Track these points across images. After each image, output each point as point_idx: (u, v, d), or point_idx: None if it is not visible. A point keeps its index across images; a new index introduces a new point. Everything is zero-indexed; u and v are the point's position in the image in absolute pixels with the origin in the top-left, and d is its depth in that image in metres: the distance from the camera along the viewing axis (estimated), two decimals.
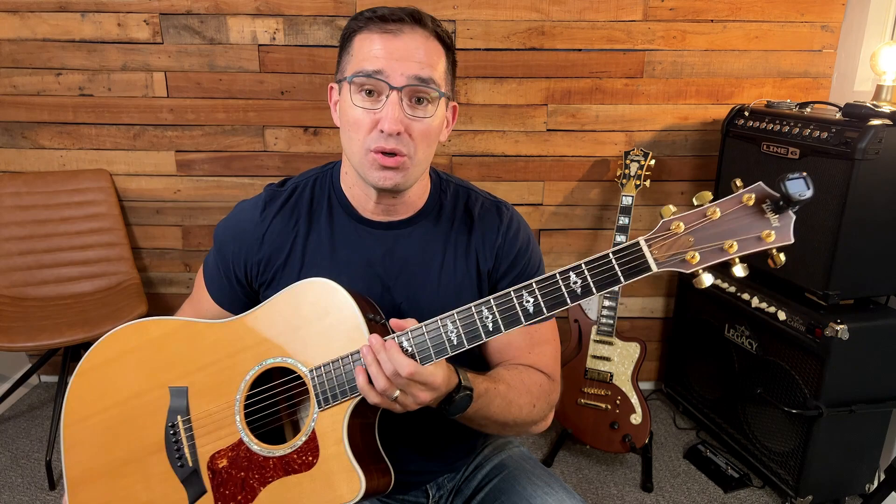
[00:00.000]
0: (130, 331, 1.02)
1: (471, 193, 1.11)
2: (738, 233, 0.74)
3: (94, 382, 1.02)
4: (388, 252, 1.04)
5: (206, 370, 0.98)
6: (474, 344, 0.84)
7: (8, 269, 2.28)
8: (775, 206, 0.73)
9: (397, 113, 0.91)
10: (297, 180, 1.10)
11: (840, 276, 1.78)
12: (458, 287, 1.05)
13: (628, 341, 2.14)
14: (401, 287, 1.03)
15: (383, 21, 0.92)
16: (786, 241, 0.73)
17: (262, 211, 1.06)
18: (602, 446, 2.16)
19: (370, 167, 0.95)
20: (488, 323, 0.83)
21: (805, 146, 1.82)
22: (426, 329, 0.86)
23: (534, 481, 1.08)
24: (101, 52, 2.26)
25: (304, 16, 2.24)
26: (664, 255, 0.77)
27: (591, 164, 2.42)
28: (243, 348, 0.96)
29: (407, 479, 1.12)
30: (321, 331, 0.91)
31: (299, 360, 0.93)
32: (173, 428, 0.99)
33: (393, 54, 0.91)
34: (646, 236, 0.78)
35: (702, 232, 0.76)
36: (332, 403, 0.90)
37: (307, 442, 0.91)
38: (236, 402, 0.96)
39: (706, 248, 0.76)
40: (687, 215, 0.76)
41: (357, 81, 0.92)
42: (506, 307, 0.83)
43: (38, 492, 2.03)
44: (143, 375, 1.00)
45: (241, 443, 0.95)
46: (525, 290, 0.82)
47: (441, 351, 0.85)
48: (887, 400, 1.87)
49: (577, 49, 2.29)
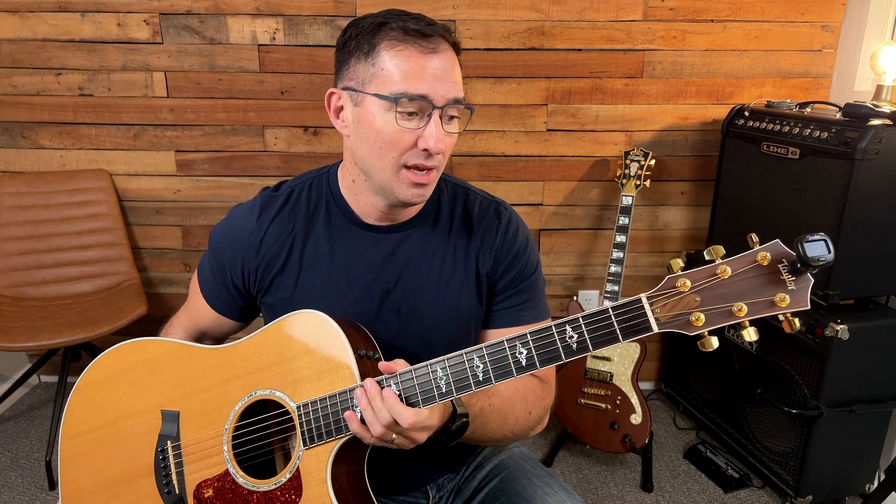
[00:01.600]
0: (129, 349, 1.02)
1: (469, 193, 1.10)
2: (750, 295, 0.70)
3: (91, 399, 1.02)
4: (387, 256, 1.03)
5: (198, 396, 0.97)
6: (462, 393, 0.83)
7: (8, 269, 2.28)
8: (792, 268, 0.68)
9: (441, 132, 0.90)
10: (293, 184, 1.08)
11: (840, 276, 1.78)
12: (458, 290, 1.04)
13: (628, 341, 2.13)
14: (400, 291, 1.03)
15: (422, 37, 0.88)
16: (801, 307, 0.69)
17: (258, 217, 1.04)
18: (602, 446, 2.16)
19: (401, 184, 0.93)
20: (479, 372, 0.82)
21: (805, 146, 1.82)
22: (415, 374, 0.85)
23: (534, 481, 1.08)
24: (101, 52, 2.26)
25: (304, 16, 2.24)
26: (667, 315, 0.73)
27: (591, 164, 2.42)
28: (235, 376, 0.95)
29: (407, 481, 1.12)
30: (311, 366, 0.91)
31: (287, 394, 0.91)
32: (163, 453, 0.98)
33: (435, 75, 0.88)
34: (648, 293, 0.74)
35: (709, 292, 0.71)
36: (317, 442, 0.89)
37: (291, 480, 0.90)
38: (225, 431, 0.95)
39: (713, 309, 0.71)
40: (695, 273, 0.72)
41: (403, 102, 0.87)
42: (498, 356, 0.81)
43: (37, 492, 2.03)
44: (138, 395, 1.00)
45: (228, 474, 0.94)
46: (519, 342, 0.80)
47: (429, 398, 0.84)
48: (887, 400, 1.87)
49: (577, 49, 2.29)
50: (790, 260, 0.69)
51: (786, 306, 0.69)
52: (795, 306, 0.69)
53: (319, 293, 1.02)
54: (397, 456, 1.04)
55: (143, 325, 2.24)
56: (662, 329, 0.73)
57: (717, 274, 0.70)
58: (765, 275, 0.70)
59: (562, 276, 2.55)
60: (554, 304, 2.54)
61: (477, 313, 1.06)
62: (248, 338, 0.96)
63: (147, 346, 1.02)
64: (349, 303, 1.01)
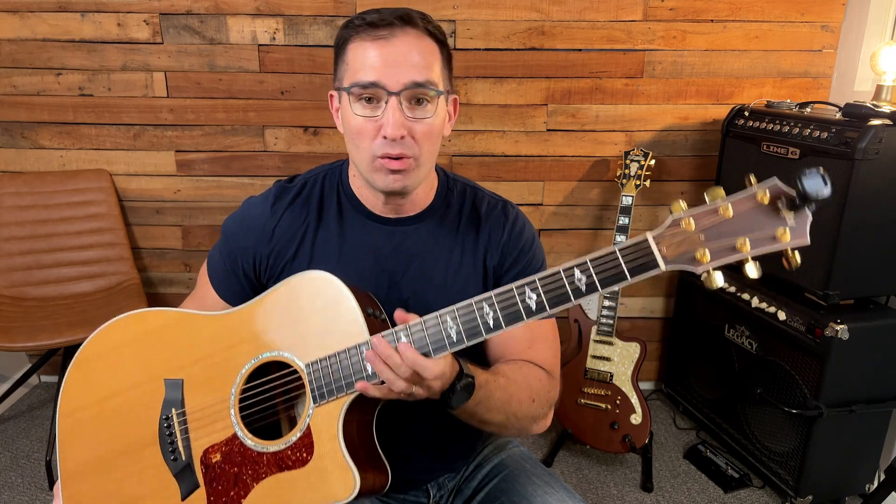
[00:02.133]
0: (130, 321, 1.01)
1: (477, 192, 1.12)
2: (752, 231, 0.71)
3: (90, 373, 1.01)
4: (396, 247, 1.05)
5: (202, 362, 0.96)
6: (474, 341, 0.83)
7: (8, 269, 2.28)
8: (791, 204, 0.69)
9: (398, 117, 0.91)
10: (307, 176, 1.10)
11: (840, 276, 1.78)
12: (465, 283, 1.05)
13: (628, 341, 2.14)
14: (408, 282, 1.04)
15: (373, 27, 0.91)
16: (802, 242, 0.70)
17: (272, 205, 1.06)
18: (602, 446, 2.16)
19: (378, 173, 0.95)
20: (489, 319, 0.82)
21: (805, 146, 1.82)
22: (425, 325, 0.84)
23: (534, 481, 1.08)
24: (101, 52, 2.26)
25: (304, 16, 2.24)
26: (673, 253, 0.74)
27: (591, 164, 2.42)
28: (240, 341, 0.95)
29: (408, 478, 1.12)
30: (319, 325, 0.90)
31: (296, 355, 0.91)
32: (167, 421, 0.97)
33: (387, 61, 0.91)
34: (654, 232, 0.75)
35: (713, 230, 0.72)
36: (327, 399, 0.89)
37: (302, 438, 0.90)
38: (231, 395, 0.94)
39: (718, 245, 0.72)
40: (698, 212, 0.73)
41: (355, 91, 0.92)
42: (507, 303, 0.81)
43: (38, 492, 2.03)
44: (139, 367, 0.99)
45: (235, 437, 0.93)
46: (528, 286, 0.80)
47: (440, 347, 0.84)
48: (887, 400, 1.87)
49: (577, 49, 2.29)
50: (788, 197, 0.70)
51: (787, 241, 0.70)
52: (796, 241, 0.70)
53: None
54: (398, 454, 1.04)
55: None
56: (670, 266, 0.74)
57: (720, 213, 0.72)
58: (765, 212, 0.71)
59: None
60: None
61: None
62: (251, 302, 0.96)
63: (148, 317, 1.00)
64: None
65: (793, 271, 0.71)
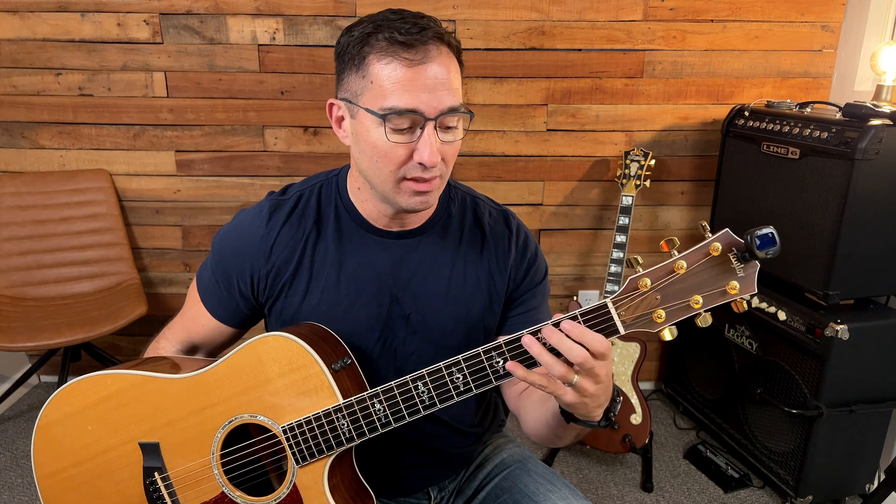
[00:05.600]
0: (86, 385, 0.98)
1: (478, 202, 1.09)
2: (705, 287, 0.75)
3: (57, 437, 1.00)
4: (397, 262, 1.02)
5: (174, 426, 0.96)
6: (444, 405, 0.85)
7: (8, 269, 2.28)
8: (740, 257, 0.73)
9: (435, 144, 0.87)
10: (301, 188, 1.05)
11: (840, 276, 1.78)
12: (469, 297, 1.04)
13: (628, 341, 2.14)
14: (409, 297, 1.02)
15: (408, 48, 0.84)
16: (750, 292, 0.74)
17: (267, 221, 1.01)
18: (602, 446, 2.16)
19: (403, 194, 0.92)
20: (460, 383, 0.84)
21: (805, 146, 1.82)
22: (397, 390, 0.86)
23: (536, 479, 1.08)
24: (101, 52, 2.26)
25: (304, 16, 2.24)
26: (631, 317, 0.78)
27: (591, 164, 2.42)
28: (210, 404, 0.94)
29: (409, 483, 1.12)
30: (288, 387, 0.90)
31: (270, 417, 0.92)
32: (153, 484, 0.98)
33: (425, 87, 0.85)
34: (613, 297, 0.78)
35: (668, 288, 0.76)
36: (309, 460, 0.91)
37: (290, 495, 0.92)
38: (212, 456, 0.95)
39: (673, 305, 0.76)
40: (654, 271, 0.76)
41: (392, 120, 0.85)
42: (476, 367, 0.83)
43: (37, 492, 2.03)
44: (108, 431, 0.98)
45: (225, 496, 0.95)
46: (494, 351, 0.82)
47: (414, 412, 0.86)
48: (887, 400, 1.87)
49: (577, 49, 2.29)
50: (739, 248, 0.73)
51: (737, 293, 0.74)
52: (745, 292, 0.74)
53: (329, 298, 1.00)
54: (397, 462, 1.04)
55: (143, 324, 2.24)
56: (629, 330, 0.78)
57: (675, 270, 0.75)
58: (717, 265, 0.74)
59: (562, 276, 2.55)
60: (554, 304, 2.54)
61: (489, 321, 1.06)
62: (216, 364, 0.94)
63: (105, 381, 0.98)
64: (358, 307, 1.00)
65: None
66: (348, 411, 0.88)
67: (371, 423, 0.88)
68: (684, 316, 0.76)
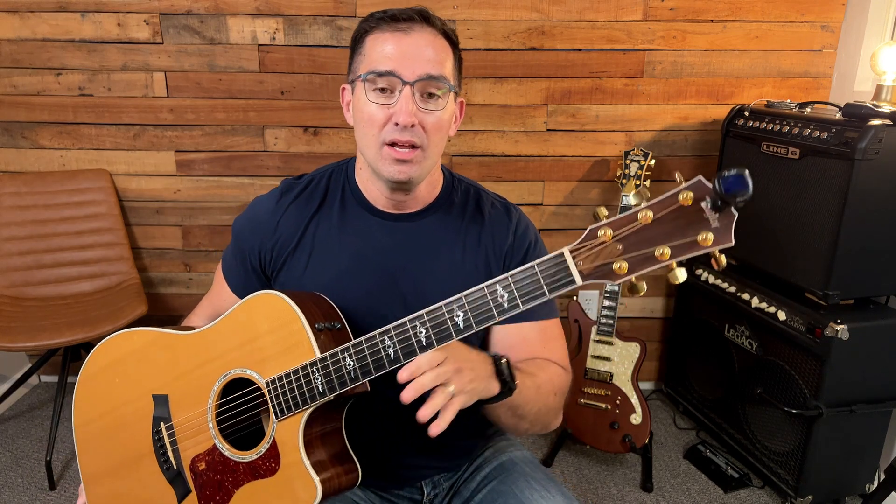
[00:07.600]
0: (119, 340, 1.10)
1: (481, 193, 1.14)
2: (673, 237, 0.68)
3: (93, 388, 1.11)
4: (397, 243, 1.06)
5: (182, 379, 1.04)
6: (409, 359, 0.84)
7: (8, 269, 2.28)
8: (714, 205, 0.66)
9: (410, 106, 0.94)
10: (314, 174, 1.13)
11: (840, 276, 1.78)
12: (465, 281, 1.03)
13: (628, 341, 2.14)
14: (407, 278, 1.05)
15: (394, 21, 0.96)
16: (726, 244, 0.67)
17: (277, 200, 1.09)
18: (602, 446, 2.16)
19: (384, 161, 0.97)
20: (422, 337, 0.83)
21: (805, 146, 1.82)
22: (366, 344, 0.86)
23: (532, 485, 1.08)
24: (101, 52, 2.26)
25: (304, 16, 2.24)
26: (590, 267, 0.72)
27: (591, 164, 2.42)
28: (209, 359, 1.01)
29: (402, 474, 1.12)
30: (275, 343, 0.95)
31: (257, 372, 0.97)
32: (158, 433, 1.05)
33: (405, 52, 0.94)
34: (570, 245, 0.74)
35: (631, 237, 0.70)
36: (287, 415, 0.93)
37: (269, 450, 0.96)
38: (209, 409, 1.01)
39: (635, 255, 0.70)
40: (616, 220, 0.71)
41: (371, 79, 0.95)
42: (438, 322, 0.82)
43: (37, 492, 2.03)
44: (131, 384, 1.08)
45: (215, 448, 1.01)
46: (455, 305, 0.81)
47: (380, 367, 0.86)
48: (887, 400, 1.87)
49: (577, 49, 2.29)
50: (712, 197, 0.66)
51: (710, 245, 0.67)
52: (719, 244, 0.67)
53: (329, 274, 1.05)
54: (390, 451, 1.05)
55: (143, 325, 2.24)
56: (587, 280, 0.73)
57: (639, 219, 0.69)
58: (688, 215, 0.68)
59: None
60: None
61: None
62: (217, 321, 1.01)
63: (134, 337, 1.09)
64: (357, 286, 1.04)
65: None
66: (321, 365, 0.90)
67: (341, 377, 0.89)
68: (649, 267, 0.69)
